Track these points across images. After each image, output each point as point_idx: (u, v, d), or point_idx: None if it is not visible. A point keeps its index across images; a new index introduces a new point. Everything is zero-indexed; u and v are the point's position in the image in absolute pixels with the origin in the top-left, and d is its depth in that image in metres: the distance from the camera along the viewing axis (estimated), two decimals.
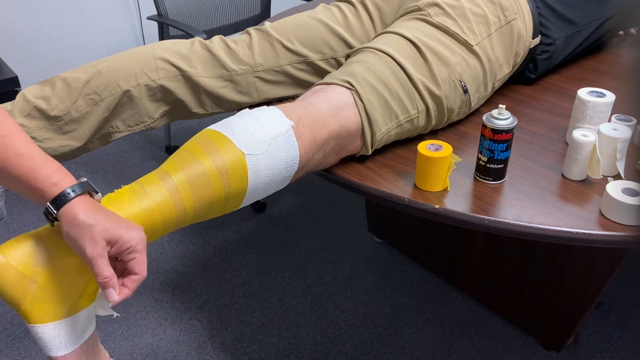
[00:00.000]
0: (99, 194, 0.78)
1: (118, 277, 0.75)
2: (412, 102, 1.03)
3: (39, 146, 1.09)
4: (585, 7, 1.32)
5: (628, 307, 1.62)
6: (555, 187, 0.97)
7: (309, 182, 2.29)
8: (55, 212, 0.72)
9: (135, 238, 0.73)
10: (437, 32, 1.07)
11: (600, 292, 1.34)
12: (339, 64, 1.23)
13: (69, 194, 0.72)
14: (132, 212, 0.78)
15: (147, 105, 1.15)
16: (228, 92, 1.19)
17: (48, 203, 0.73)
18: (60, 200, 0.72)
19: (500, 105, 0.93)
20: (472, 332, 1.58)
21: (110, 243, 0.72)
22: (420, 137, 1.11)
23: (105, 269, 0.72)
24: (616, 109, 1.19)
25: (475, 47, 1.08)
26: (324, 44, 1.21)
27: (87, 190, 0.75)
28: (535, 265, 1.45)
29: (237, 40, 1.21)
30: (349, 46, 1.22)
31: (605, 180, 0.98)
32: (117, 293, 0.73)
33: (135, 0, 2.66)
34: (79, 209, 0.72)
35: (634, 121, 1.03)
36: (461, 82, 1.07)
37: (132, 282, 0.74)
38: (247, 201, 0.89)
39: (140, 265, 0.75)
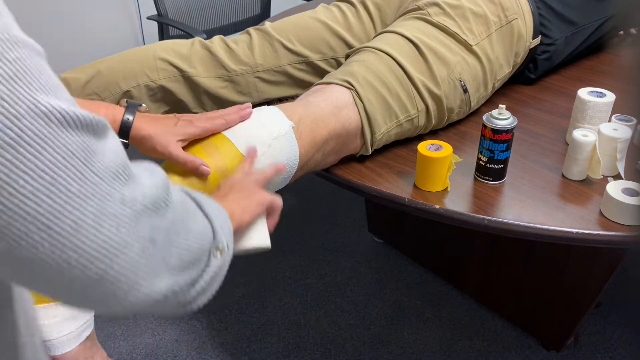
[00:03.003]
0: (142, 105, 0.87)
1: None
2: (411, 101, 1.03)
3: None
4: (586, 7, 1.32)
5: (628, 307, 1.61)
6: (555, 187, 0.97)
7: (309, 182, 2.29)
8: (127, 141, 0.82)
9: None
10: (436, 32, 1.07)
11: (600, 292, 1.34)
12: (339, 64, 1.23)
13: (128, 120, 0.81)
14: None
15: (147, 105, 1.15)
16: (228, 93, 1.19)
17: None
18: (125, 129, 0.82)
19: (500, 105, 0.93)
20: (472, 332, 1.58)
21: (183, 139, 0.83)
22: (420, 137, 1.11)
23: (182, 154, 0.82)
24: (616, 109, 1.19)
25: (475, 47, 1.08)
26: (324, 44, 1.21)
27: (136, 108, 0.84)
28: (535, 265, 1.45)
29: (237, 40, 1.21)
30: (349, 46, 1.22)
31: (605, 180, 0.98)
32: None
33: (135, 0, 2.66)
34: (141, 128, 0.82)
35: (634, 121, 1.03)
36: (461, 81, 1.06)
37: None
38: None
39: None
